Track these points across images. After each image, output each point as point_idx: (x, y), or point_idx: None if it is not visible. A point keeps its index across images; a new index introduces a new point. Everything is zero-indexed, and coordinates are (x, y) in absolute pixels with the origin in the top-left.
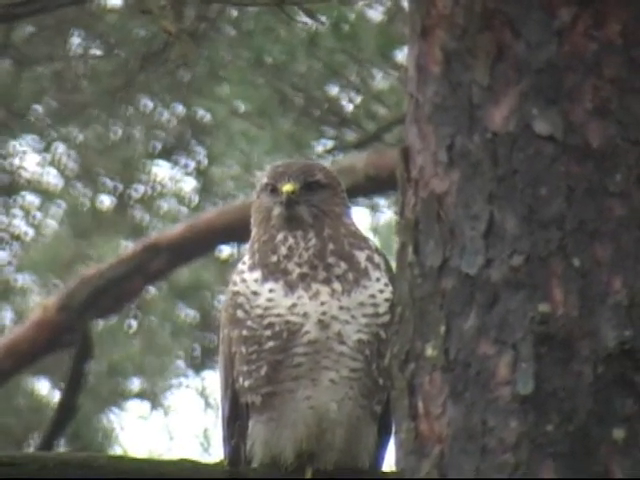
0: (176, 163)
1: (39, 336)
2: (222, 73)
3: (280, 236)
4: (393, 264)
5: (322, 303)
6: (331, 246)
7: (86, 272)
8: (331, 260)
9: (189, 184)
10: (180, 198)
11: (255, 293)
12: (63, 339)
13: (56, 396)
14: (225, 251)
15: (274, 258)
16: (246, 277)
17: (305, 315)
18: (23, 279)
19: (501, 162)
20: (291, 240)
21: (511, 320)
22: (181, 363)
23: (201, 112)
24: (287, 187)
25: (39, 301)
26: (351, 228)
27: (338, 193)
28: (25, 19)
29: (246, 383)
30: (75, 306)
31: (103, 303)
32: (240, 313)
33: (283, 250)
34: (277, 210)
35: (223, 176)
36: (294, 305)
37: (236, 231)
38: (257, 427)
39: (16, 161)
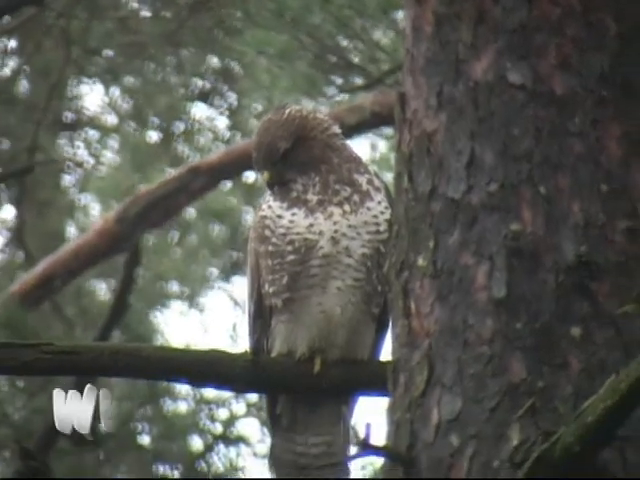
0: (212, 104)
1: (100, 243)
2: (250, 23)
3: (290, 182)
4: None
5: (335, 222)
6: (332, 177)
7: (139, 191)
8: (337, 187)
9: (222, 122)
10: (215, 134)
11: (280, 216)
12: (119, 246)
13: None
14: (251, 177)
15: (293, 194)
16: (272, 204)
17: (321, 233)
18: (85, 199)
19: (481, 107)
20: (300, 180)
21: (488, 237)
22: (215, 270)
23: (232, 63)
24: (264, 178)
25: (98, 217)
26: (344, 153)
27: (309, 135)
28: None
29: (270, 289)
30: (130, 218)
31: (153, 216)
32: (267, 232)
33: (299, 187)
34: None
35: (249, 115)
36: (311, 225)
37: None
38: (278, 326)
39: (80, 102)
